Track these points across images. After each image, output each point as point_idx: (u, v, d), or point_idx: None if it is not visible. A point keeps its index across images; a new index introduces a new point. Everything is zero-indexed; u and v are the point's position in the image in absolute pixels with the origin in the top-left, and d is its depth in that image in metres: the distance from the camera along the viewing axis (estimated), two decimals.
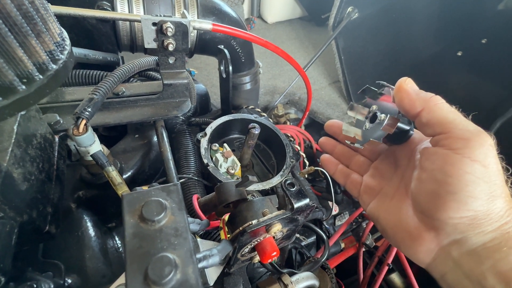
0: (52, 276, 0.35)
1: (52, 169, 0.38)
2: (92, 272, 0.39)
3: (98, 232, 0.43)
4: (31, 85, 0.26)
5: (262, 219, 0.27)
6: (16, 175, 0.29)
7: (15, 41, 0.24)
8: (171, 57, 0.55)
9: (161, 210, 0.25)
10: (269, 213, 0.29)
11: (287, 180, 0.29)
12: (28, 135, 0.34)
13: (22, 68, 0.26)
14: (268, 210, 0.30)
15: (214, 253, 0.26)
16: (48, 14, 0.29)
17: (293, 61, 0.81)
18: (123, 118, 0.52)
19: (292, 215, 0.28)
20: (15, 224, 0.28)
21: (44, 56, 0.27)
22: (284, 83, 1.67)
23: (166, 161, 0.51)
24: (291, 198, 0.28)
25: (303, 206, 0.28)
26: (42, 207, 0.33)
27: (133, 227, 0.24)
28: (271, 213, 0.30)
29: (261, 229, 0.28)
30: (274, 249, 0.30)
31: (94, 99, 0.40)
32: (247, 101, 1.10)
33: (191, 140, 0.68)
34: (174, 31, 0.49)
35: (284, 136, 0.68)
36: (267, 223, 0.27)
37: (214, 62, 1.22)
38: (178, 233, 0.25)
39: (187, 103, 0.61)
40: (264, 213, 0.29)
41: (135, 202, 0.26)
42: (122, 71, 0.48)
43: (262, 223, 0.27)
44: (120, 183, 0.41)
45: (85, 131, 0.39)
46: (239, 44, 0.95)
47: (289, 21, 2.18)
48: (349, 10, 1.54)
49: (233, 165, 0.61)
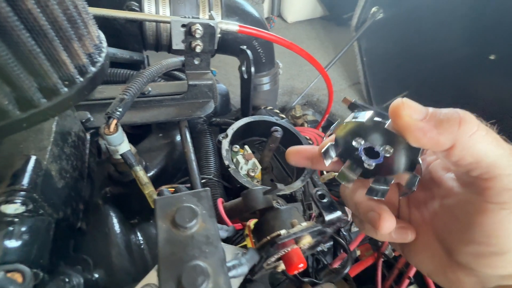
0: (82, 271, 0.36)
1: (84, 167, 0.39)
2: (118, 269, 0.40)
3: (124, 230, 0.44)
4: (72, 87, 0.27)
5: (292, 231, 0.27)
6: (54, 173, 0.31)
7: (60, 45, 0.25)
8: (197, 58, 0.55)
9: (193, 216, 0.25)
10: (298, 224, 0.29)
11: (317, 191, 0.29)
12: (64, 133, 0.35)
13: (65, 71, 0.26)
14: (297, 221, 0.29)
15: (243, 262, 0.26)
16: (88, 17, 0.30)
17: (316, 63, 0.79)
18: (150, 118, 0.53)
19: (323, 227, 0.27)
20: (52, 221, 0.29)
21: (85, 59, 0.28)
22: (302, 84, 1.65)
23: (189, 162, 0.51)
24: (322, 211, 0.27)
25: (335, 219, 0.27)
26: (75, 204, 0.34)
27: (165, 232, 0.24)
28: (299, 224, 0.29)
29: (290, 241, 0.27)
30: (301, 261, 0.29)
31: (125, 99, 0.41)
32: (266, 102, 1.09)
33: (211, 140, 0.68)
34: (202, 33, 0.49)
35: (305, 140, 0.67)
36: (298, 235, 0.26)
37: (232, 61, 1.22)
38: (209, 241, 0.25)
39: (210, 104, 0.61)
40: (292, 224, 0.29)
41: (167, 207, 0.26)
42: (151, 72, 0.49)
43: (292, 235, 0.26)
44: (147, 182, 0.41)
45: (116, 130, 0.40)
46: (260, 44, 0.95)
47: (309, 21, 2.15)
48: (374, 10, 1.49)
49: (254, 167, 0.61)
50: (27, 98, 0.23)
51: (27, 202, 0.25)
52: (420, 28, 1.52)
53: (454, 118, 0.20)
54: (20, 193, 0.25)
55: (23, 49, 0.22)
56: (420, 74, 1.51)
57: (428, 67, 1.51)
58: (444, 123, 0.20)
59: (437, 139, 0.20)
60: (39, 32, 0.23)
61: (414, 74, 1.54)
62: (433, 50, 1.57)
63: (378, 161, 0.24)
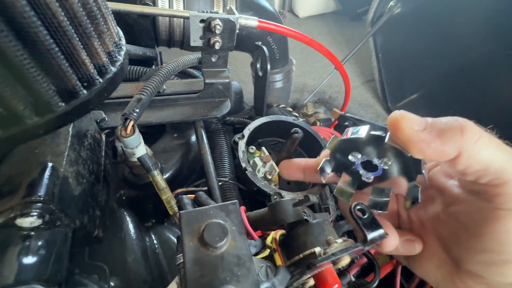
0: (98, 280, 0.35)
1: (100, 170, 0.38)
2: (134, 277, 0.38)
3: (140, 235, 0.42)
4: (91, 89, 0.25)
5: (331, 251, 0.24)
6: (71, 180, 0.29)
7: (80, 43, 0.23)
8: (215, 55, 0.53)
9: (223, 235, 0.23)
10: (334, 242, 0.26)
11: (357, 205, 0.26)
12: (81, 136, 0.33)
13: (84, 72, 0.24)
14: (332, 238, 0.27)
15: (276, 285, 0.24)
16: (108, 12, 0.27)
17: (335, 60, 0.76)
18: (165, 118, 0.51)
19: (364, 247, 0.25)
20: (69, 231, 0.27)
21: (104, 58, 0.26)
22: (314, 81, 1.61)
23: (206, 164, 0.49)
24: (364, 229, 0.24)
25: (377, 238, 0.25)
26: (92, 211, 0.33)
27: (193, 252, 0.22)
28: (335, 241, 0.26)
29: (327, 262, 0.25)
30: (336, 282, 0.27)
31: (142, 99, 0.39)
32: (278, 100, 1.06)
33: (225, 140, 0.66)
34: (222, 29, 0.47)
35: (324, 142, 0.64)
36: (337, 257, 0.23)
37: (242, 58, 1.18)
38: (241, 262, 0.22)
39: (227, 104, 0.59)
40: (328, 242, 0.26)
41: (193, 222, 0.24)
42: (168, 70, 0.46)
43: (331, 257, 0.23)
44: (165, 187, 0.39)
45: (133, 132, 0.38)
46: (275, 40, 0.91)
47: (321, 16, 2.08)
48: (391, 5, 1.43)
49: (271, 170, 0.58)
50: (45, 102, 0.21)
51: (44, 214, 0.23)
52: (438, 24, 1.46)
53: (455, 126, 0.20)
54: (37, 205, 0.23)
55: (40, 48, 0.20)
56: (437, 72, 1.45)
57: (446, 64, 1.44)
58: (446, 132, 0.20)
59: (442, 149, 0.20)
60: (57, 29, 0.20)
61: (430, 71, 1.48)
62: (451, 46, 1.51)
63: (376, 174, 0.24)
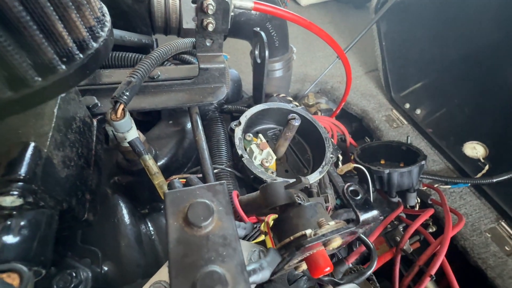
0: (90, 263, 0.34)
1: (90, 154, 0.37)
2: (128, 261, 0.38)
3: (134, 220, 0.42)
4: (71, 64, 0.24)
5: (321, 232, 0.23)
6: (56, 162, 0.28)
7: (54, 13, 0.21)
8: (209, 38, 0.51)
9: (209, 214, 0.22)
10: (325, 223, 0.25)
11: (349, 186, 0.25)
12: (68, 119, 0.33)
13: (62, 46, 0.23)
14: (324, 219, 0.26)
15: (264, 266, 0.23)
16: None
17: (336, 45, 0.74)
18: (159, 103, 0.50)
19: (356, 228, 0.24)
20: (55, 213, 0.27)
21: (85, 32, 0.25)
22: (315, 71, 1.57)
23: (201, 151, 0.48)
24: (356, 210, 0.23)
25: (370, 219, 0.24)
26: (81, 195, 0.32)
27: (177, 231, 0.21)
28: (327, 223, 0.25)
29: (317, 243, 0.24)
30: (328, 264, 0.26)
31: (132, 82, 0.38)
32: (278, 89, 1.04)
33: (223, 128, 0.65)
34: (214, 9, 0.45)
35: (324, 130, 0.62)
36: (327, 238, 0.23)
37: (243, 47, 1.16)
38: (227, 242, 0.22)
39: (223, 90, 0.57)
40: (320, 223, 0.25)
41: (179, 202, 0.23)
42: (159, 53, 0.45)
43: (321, 237, 0.22)
44: (157, 172, 0.39)
45: (123, 116, 0.37)
46: (274, 27, 0.88)
47: (324, 3, 2.03)
48: None
49: (268, 157, 0.57)
50: (19, 76, 0.20)
51: (25, 194, 0.23)
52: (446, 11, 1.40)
53: None
54: (17, 184, 0.22)
55: (10, 17, 0.19)
56: (444, 61, 1.41)
57: (452, 52, 1.40)
58: None
59: None
60: None
61: (437, 60, 1.44)
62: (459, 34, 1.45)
63: None
